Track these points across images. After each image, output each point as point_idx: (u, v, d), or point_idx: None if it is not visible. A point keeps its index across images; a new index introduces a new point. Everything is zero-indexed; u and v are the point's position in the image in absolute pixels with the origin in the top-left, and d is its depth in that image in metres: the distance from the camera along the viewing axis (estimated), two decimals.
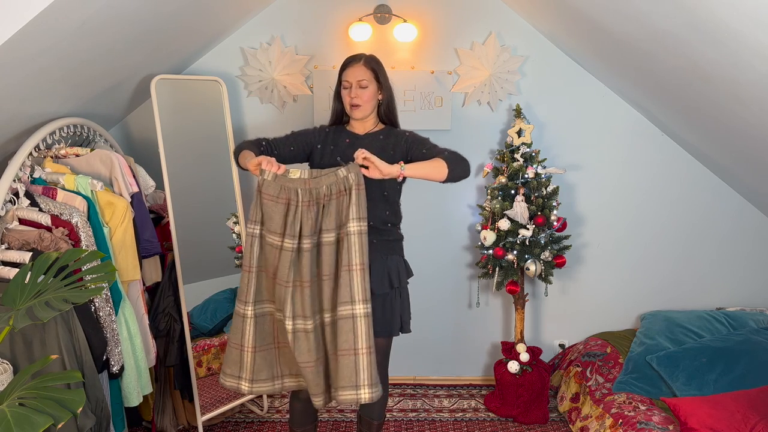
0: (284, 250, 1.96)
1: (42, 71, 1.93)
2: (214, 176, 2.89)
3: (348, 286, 1.97)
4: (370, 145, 2.17)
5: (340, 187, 1.98)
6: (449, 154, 2.12)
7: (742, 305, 3.27)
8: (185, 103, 2.79)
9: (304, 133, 2.25)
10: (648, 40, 2.26)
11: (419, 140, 2.19)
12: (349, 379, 1.97)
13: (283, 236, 1.96)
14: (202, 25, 2.67)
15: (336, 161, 2.14)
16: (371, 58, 2.20)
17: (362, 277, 1.98)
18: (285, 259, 1.95)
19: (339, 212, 1.99)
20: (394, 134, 2.22)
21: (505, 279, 2.94)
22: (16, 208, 2.07)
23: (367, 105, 2.16)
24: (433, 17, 3.01)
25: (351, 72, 2.15)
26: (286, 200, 1.96)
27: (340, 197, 1.99)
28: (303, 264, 1.96)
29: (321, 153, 2.20)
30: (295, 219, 1.95)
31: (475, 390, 3.32)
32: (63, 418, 1.47)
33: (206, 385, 2.81)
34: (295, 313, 1.97)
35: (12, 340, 1.80)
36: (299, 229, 1.95)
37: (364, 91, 2.14)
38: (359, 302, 1.98)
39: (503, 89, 3.06)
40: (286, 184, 1.96)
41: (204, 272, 2.83)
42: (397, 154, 2.17)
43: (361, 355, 1.97)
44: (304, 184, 1.96)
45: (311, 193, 1.96)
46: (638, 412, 2.45)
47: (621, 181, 3.18)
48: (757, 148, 2.49)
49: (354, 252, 1.97)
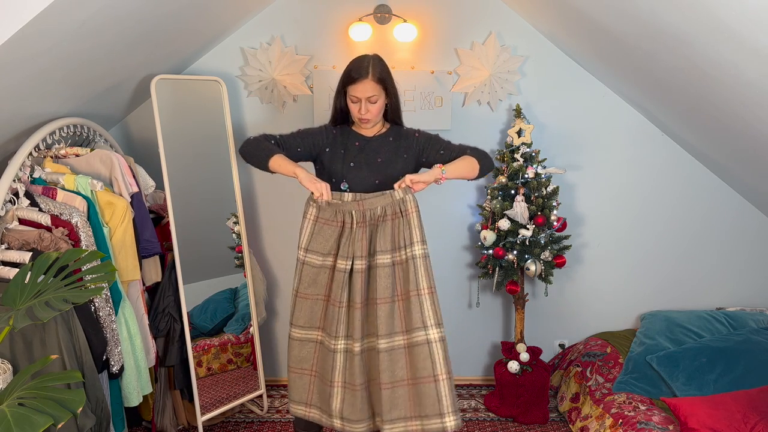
0: (337, 271, 1.98)
1: (42, 71, 1.93)
2: (214, 176, 2.89)
3: (419, 311, 1.94)
4: (380, 147, 2.17)
5: (395, 209, 2.00)
6: (473, 151, 2.13)
7: (742, 305, 3.27)
8: (185, 103, 2.79)
9: (311, 134, 2.20)
10: (648, 40, 2.26)
11: (431, 139, 2.19)
12: (431, 407, 1.92)
13: (336, 257, 1.98)
14: (202, 25, 2.67)
15: (349, 166, 2.11)
16: (377, 68, 2.08)
17: (431, 300, 1.98)
18: (338, 279, 1.97)
19: (394, 234, 1.99)
20: (403, 135, 2.21)
21: (505, 279, 2.94)
22: (16, 208, 2.07)
23: (377, 117, 2.14)
24: (433, 17, 3.01)
25: (359, 88, 2.06)
26: (341, 223, 2.00)
27: (395, 219, 1.99)
28: (355, 286, 1.97)
29: (331, 156, 2.15)
30: (349, 240, 1.97)
31: (475, 390, 3.32)
32: (63, 418, 1.47)
33: (206, 385, 2.81)
34: (348, 333, 1.97)
35: (12, 340, 1.80)
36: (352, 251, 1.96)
37: (374, 105, 2.09)
38: (432, 327, 1.96)
39: (503, 89, 3.06)
40: (339, 207, 1.99)
41: (204, 272, 2.83)
42: (411, 157, 2.17)
43: (441, 381, 1.94)
44: (357, 206, 1.98)
45: (365, 215, 1.98)
46: (638, 412, 2.45)
47: (621, 181, 3.18)
48: (757, 148, 2.49)
49: (421, 276, 1.97)
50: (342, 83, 2.13)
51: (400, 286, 2.00)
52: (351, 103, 2.12)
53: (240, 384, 2.94)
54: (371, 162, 2.15)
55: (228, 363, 2.93)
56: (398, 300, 2.00)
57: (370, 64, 2.07)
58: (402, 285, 1.99)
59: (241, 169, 3.03)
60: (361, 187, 2.11)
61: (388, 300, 1.98)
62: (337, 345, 1.99)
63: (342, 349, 1.98)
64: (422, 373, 1.95)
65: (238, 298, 2.99)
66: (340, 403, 1.99)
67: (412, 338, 1.97)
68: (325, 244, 2.01)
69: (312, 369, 2.09)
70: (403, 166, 2.16)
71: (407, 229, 1.98)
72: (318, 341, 2.08)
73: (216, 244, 2.91)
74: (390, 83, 2.11)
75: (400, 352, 1.98)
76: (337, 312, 1.98)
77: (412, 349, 1.96)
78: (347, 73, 2.10)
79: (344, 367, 1.98)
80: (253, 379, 3.00)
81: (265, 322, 3.21)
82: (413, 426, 1.97)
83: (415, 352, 1.95)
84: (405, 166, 2.17)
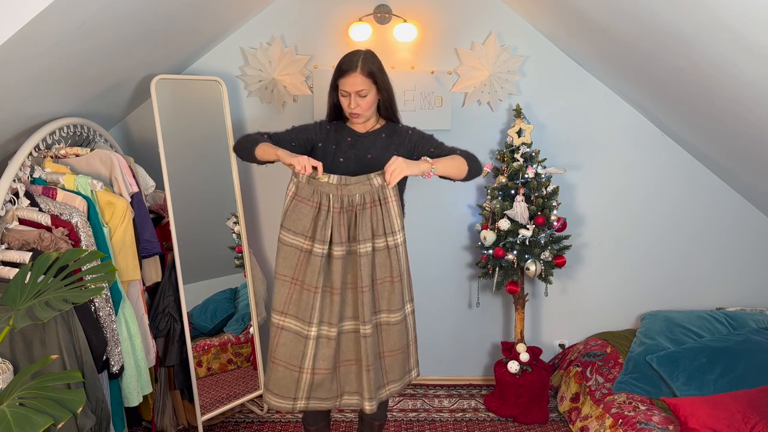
0: (314, 255, 1.96)
1: (42, 71, 1.93)
2: (214, 176, 2.89)
3: (400, 293, 2.05)
4: (372, 143, 2.16)
5: (374, 197, 1.98)
6: (462, 153, 2.12)
7: (742, 305, 3.27)
8: (185, 103, 2.79)
9: (304, 129, 2.21)
10: (648, 40, 2.26)
11: (424, 138, 2.18)
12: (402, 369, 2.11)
13: (313, 240, 1.97)
14: (202, 25, 2.67)
15: (338, 161, 2.12)
16: (367, 62, 2.07)
17: (408, 282, 2.09)
18: (314, 263, 1.96)
19: (375, 222, 1.99)
20: (397, 132, 2.19)
21: (505, 279, 2.94)
22: (16, 208, 2.07)
23: (367, 112, 2.13)
24: (433, 17, 3.01)
25: (348, 82, 2.06)
26: (317, 204, 1.97)
27: (373, 206, 1.98)
28: (334, 271, 1.97)
29: (323, 151, 2.17)
30: (325, 224, 1.95)
31: (475, 390, 3.32)
32: (63, 418, 1.47)
33: (206, 385, 2.81)
34: (321, 319, 1.99)
35: (12, 340, 1.80)
36: (330, 235, 1.96)
37: (364, 99, 2.08)
38: (408, 303, 2.10)
39: (503, 89, 3.06)
40: (318, 187, 1.96)
41: (204, 272, 2.83)
42: (402, 153, 2.15)
43: (411, 345, 2.14)
44: (335, 190, 1.96)
45: (342, 200, 1.96)
46: (638, 412, 2.45)
47: (621, 181, 3.18)
48: (757, 148, 2.49)
49: (402, 261, 2.04)
50: (334, 77, 2.13)
51: (383, 272, 2.03)
52: (342, 97, 2.12)
53: (240, 384, 2.94)
54: (361, 158, 2.14)
55: (228, 363, 2.93)
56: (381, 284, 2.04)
57: (360, 58, 2.07)
58: (385, 271, 2.02)
59: (241, 169, 3.03)
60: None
61: (370, 287, 2.00)
62: (310, 331, 1.98)
63: (314, 336, 1.98)
64: (398, 345, 2.09)
65: (238, 298, 2.99)
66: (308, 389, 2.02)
67: (391, 317, 2.06)
68: (298, 223, 1.98)
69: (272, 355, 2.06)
70: None
71: (388, 218, 1.99)
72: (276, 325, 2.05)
73: (216, 244, 2.91)
74: (381, 78, 2.10)
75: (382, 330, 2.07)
76: (312, 297, 1.97)
77: (391, 326, 2.06)
78: (338, 67, 2.10)
79: (315, 355, 1.99)
80: (253, 379, 3.00)
81: (265, 322, 3.21)
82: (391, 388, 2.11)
83: (395, 329, 2.07)
84: None
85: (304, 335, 1.99)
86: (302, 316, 1.99)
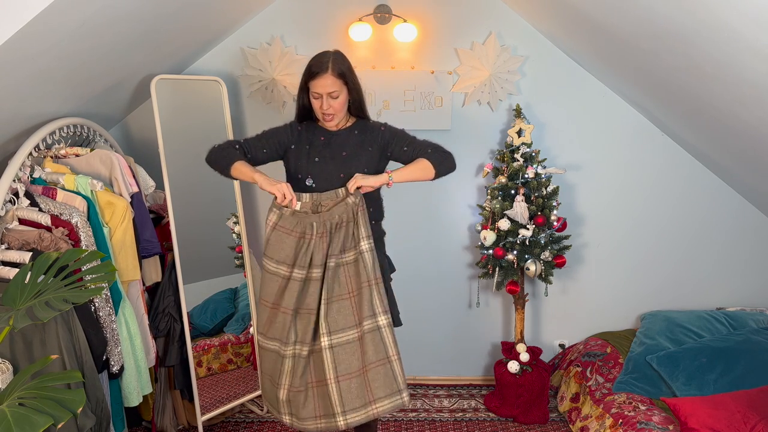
0: (293, 280, 2.01)
1: (42, 71, 1.93)
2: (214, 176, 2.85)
3: (369, 301, 2.02)
4: (346, 141, 2.16)
5: (349, 214, 2.03)
6: (433, 152, 2.13)
7: (742, 305, 3.27)
8: (185, 103, 2.79)
9: (275, 133, 2.20)
10: (648, 40, 2.26)
11: (397, 134, 2.19)
12: (389, 387, 2.00)
13: (293, 267, 2.01)
14: (202, 25, 2.67)
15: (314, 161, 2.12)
16: (337, 64, 2.06)
17: (378, 290, 2.03)
18: (292, 288, 2.01)
19: (347, 236, 2.03)
20: (369, 129, 2.20)
21: (505, 279, 2.94)
22: (16, 208, 2.07)
23: (340, 113, 2.13)
24: (433, 17, 3.01)
25: (320, 83, 2.05)
26: (301, 233, 2.01)
27: (348, 223, 2.03)
28: (311, 293, 2.01)
29: (296, 153, 2.16)
30: (307, 251, 2.00)
31: (475, 390, 3.32)
32: (63, 418, 1.47)
33: (206, 385, 2.81)
34: (295, 339, 2.03)
35: (12, 340, 1.80)
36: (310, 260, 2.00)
37: (336, 100, 2.08)
38: (381, 314, 2.03)
39: (503, 89, 3.06)
40: (302, 219, 2.01)
41: (204, 272, 2.83)
42: (375, 150, 2.17)
43: (395, 362, 2.02)
44: (318, 218, 2.01)
45: (325, 224, 2.01)
46: (638, 412, 2.45)
47: (621, 181, 3.18)
48: (757, 149, 2.49)
49: (370, 268, 2.03)
50: (303, 79, 2.12)
51: (351, 283, 2.04)
52: (313, 99, 2.11)
53: (240, 384, 2.94)
54: (336, 156, 2.14)
55: (228, 363, 2.93)
56: (351, 296, 2.05)
57: (330, 60, 2.07)
58: (354, 281, 2.04)
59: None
60: (327, 182, 2.11)
61: (341, 297, 2.02)
62: (286, 351, 2.03)
63: (291, 355, 2.03)
64: (376, 357, 2.00)
65: (238, 298, 2.99)
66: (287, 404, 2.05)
67: (363, 327, 2.01)
68: (281, 253, 2.02)
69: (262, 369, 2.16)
70: (368, 160, 2.16)
71: (356, 229, 2.03)
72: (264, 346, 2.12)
73: (216, 244, 2.91)
74: (351, 78, 2.10)
75: (354, 345, 2.02)
76: (289, 319, 2.02)
77: (364, 337, 2.01)
78: (308, 69, 2.09)
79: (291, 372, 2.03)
80: (253, 379, 3.00)
81: None
82: (373, 410, 2.00)
83: (367, 340, 2.01)
84: (369, 160, 2.16)
85: (282, 354, 2.04)
86: (280, 336, 2.05)
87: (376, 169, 2.17)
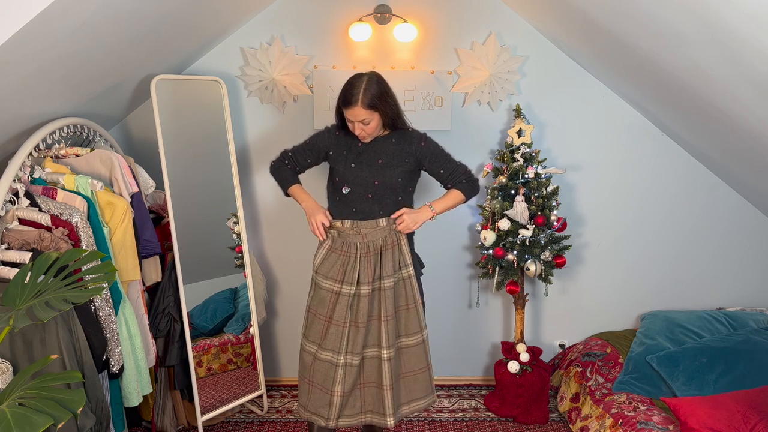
0: (342, 296, 2.24)
1: (42, 71, 1.93)
2: (214, 176, 2.89)
3: (416, 320, 2.31)
4: (383, 149, 2.26)
5: (393, 238, 2.27)
6: (467, 182, 2.36)
7: (742, 305, 3.27)
8: (185, 103, 2.79)
9: (317, 140, 2.35)
10: (648, 40, 2.26)
11: (435, 155, 2.30)
12: (426, 389, 2.36)
13: (342, 283, 2.23)
14: (202, 25, 2.67)
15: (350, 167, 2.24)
16: (368, 94, 2.11)
17: (421, 310, 2.32)
18: (342, 303, 2.24)
19: (394, 260, 2.27)
20: (407, 139, 2.28)
21: (505, 279, 2.94)
22: (16, 208, 2.07)
23: (373, 134, 2.23)
24: (433, 17, 3.01)
25: (351, 113, 2.15)
26: (348, 252, 2.25)
27: (393, 246, 2.27)
28: (360, 308, 2.24)
29: (335, 158, 2.29)
30: (353, 268, 2.24)
31: (475, 390, 3.32)
32: (63, 418, 1.47)
33: (206, 385, 2.81)
34: (347, 349, 2.24)
35: (12, 340, 1.80)
36: (357, 277, 2.23)
37: (368, 126, 2.18)
38: (423, 330, 2.33)
39: (503, 89, 3.06)
40: (347, 238, 2.25)
41: (204, 272, 2.83)
42: (411, 162, 2.28)
43: (431, 368, 2.38)
44: (362, 238, 2.24)
45: (368, 246, 2.24)
46: (638, 412, 2.45)
47: (621, 181, 3.18)
48: (756, 148, 2.49)
49: (415, 291, 2.29)
50: (338, 102, 2.21)
51: (401, 301, 2.29)
52: (347, 121, 2.21)
53: (240, 384, 2.94)
54: (372, 163, 2.25)
55: (228, 363, 2.93)
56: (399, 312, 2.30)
57: (360, 91, 2.11)
58: (402, 300, 2.29)
59: (241, 170, 3.03)
60: (362, 188, 2.24)
61: (392, 316, 2.25)
62: (339, 360, 2.23)
63: (343, 363, 2.24)
64: (418, 366, 2.33)
65: (238, 298, 2.99)
66: (339, 409, 2.26)
67: (410, 341, 2.31)
68: (330, 270, 2.25)
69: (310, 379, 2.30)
70: (403, 170, 2.27)
71: (401, 255, 2.28)
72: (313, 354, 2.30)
73: (216, 244, 2.91)
74: (382, 105, 2.15)
75: (407, 354, 2.32)
76: (341, 331, 2.23)
77: (410, 349, 2.32)
78: (342, 95, 2.18)
79: (344, 380, 2.24)
80: (253, 379, 3.00)
81: (265, 323, 3.21)
82: (416, 405, 2.35)
83: (412, 351, 2.32)
84: (404, 170, 2.28)
85: (334, 363, 2.24)
86: (333, 347, 2.24)
87: (410, 179, 2.32)
